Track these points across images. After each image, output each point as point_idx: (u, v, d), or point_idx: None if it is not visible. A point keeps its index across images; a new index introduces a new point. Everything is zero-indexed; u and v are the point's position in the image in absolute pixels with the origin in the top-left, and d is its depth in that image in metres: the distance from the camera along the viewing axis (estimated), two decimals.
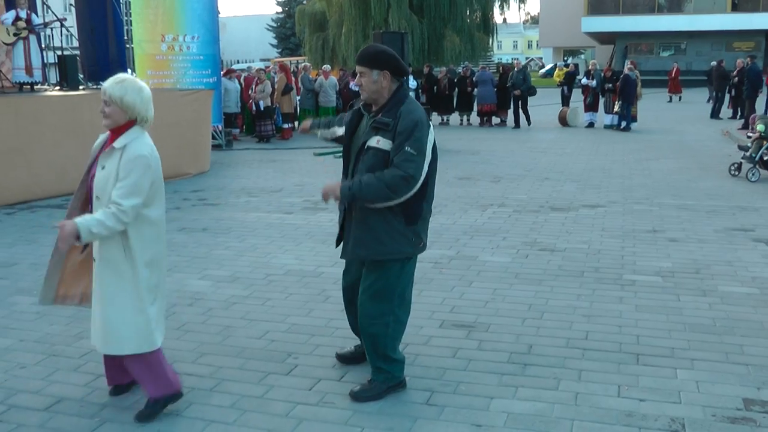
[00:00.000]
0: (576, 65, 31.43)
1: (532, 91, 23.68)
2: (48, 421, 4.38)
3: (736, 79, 23.42)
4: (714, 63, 29.66)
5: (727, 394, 4.62)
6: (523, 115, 23.79)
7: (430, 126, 4.45)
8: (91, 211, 4.33)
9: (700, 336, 5.60)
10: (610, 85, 22.23)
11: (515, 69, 23.99)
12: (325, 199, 4.38)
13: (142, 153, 4.25)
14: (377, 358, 4.62)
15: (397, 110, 4.35)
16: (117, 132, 4.33)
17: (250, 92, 21.14)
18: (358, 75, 4.45)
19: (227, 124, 19.61)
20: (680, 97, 36.04)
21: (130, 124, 4.32)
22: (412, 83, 23.12)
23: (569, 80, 25.91)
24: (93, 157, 4.52)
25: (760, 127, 13.17)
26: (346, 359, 5.16)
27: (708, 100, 26.35)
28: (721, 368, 5.02)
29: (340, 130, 4.83)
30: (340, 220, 4.69)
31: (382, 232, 4.41)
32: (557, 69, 27.14)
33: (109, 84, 4.25)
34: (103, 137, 4.56)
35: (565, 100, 25.61)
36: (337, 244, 4.77)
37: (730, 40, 52.94)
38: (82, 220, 4.10)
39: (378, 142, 4.36)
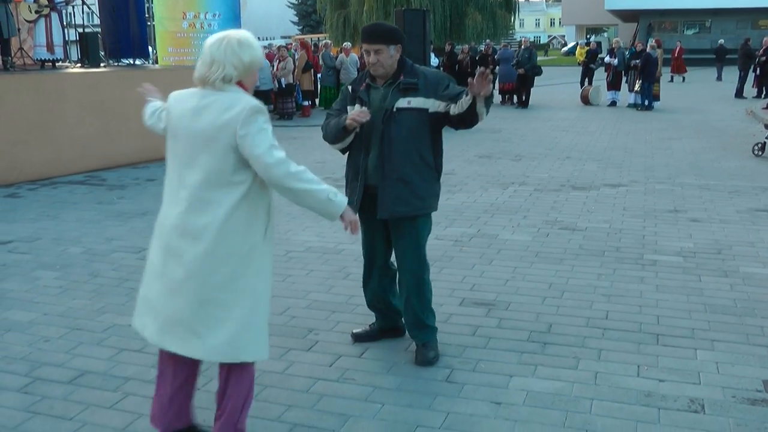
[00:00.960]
0: (598, 43, 30.91)
1: (537, 71, 23.28)
2: (71, 394, 4.43)
3: (763, 58, 23.13)
4: (722, 41, 29.22)
5: (747, 376, 4.60)
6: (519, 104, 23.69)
7: None
8: None
9: (721, 317, 5.58)
10: (637, 62, 21.95)
11: (522, 47, 23.77)
12: (486, 91, 4.25)
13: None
14: (428, 314, 4.87)
15: (415, 71, 4.64)
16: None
17: (271, 70, 21.14)
18: (372, 53, 4.51)
19: (264, 101, 19.71)
20: (684, 78, 35.09)
21: None
22: (434, 61, 23.06)
23: (592, 59, 25.61)
24: None
25: None
26: (362, 338, 5.18)
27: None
28: (742, 350, 5.00)
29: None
30: (360, 188, 4.72)
31: (420, 187, 4.64)
32: (579, 47, 26.51)
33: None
34: None
35: (588, 79, 25.37)
36: (357, 210, 4.57)
37: (755, 17, 52.30)
38: None
39: (409, 102, 4.55)
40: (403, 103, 4.55)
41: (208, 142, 3.40)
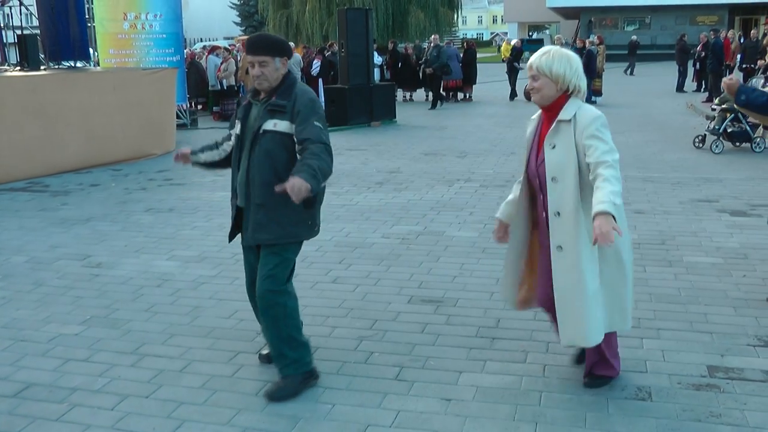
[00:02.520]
0: (522, 40, 31.28)
1: (445, 70, 23.14)
2: (17, 408, 4.34)
3: (702, 53, 23.56)
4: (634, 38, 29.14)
5: (692, 362, 4.69)
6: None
7: None
8: (544, 200, 4.17)
9: (666, 306, 5.68)
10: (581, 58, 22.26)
11: (431, 45, 23.57)
12: (298, 199, 3.89)
13: (598, 113, 3.99)
14: (283, 343, 4.41)
15: (291, 92, 4.31)
16: (554, 108, 4.08)
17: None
18: (256, 65, 4.25)
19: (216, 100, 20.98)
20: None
21: (565, 96, 4.07)
22: (378, 59, 23.07)
23: (516, 57, 25.34)
24: (532, 141, 4.34)
25: (716, 101, 13.34)
26: (270, 359, 4.69)
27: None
28: (686, 337, 5.09)
29: (205, 155, 4.79)
30: (234, 207, 4.60)
31: (282, 215, 4.32)
32: (504, 43, 26.47)
33: (536, 57, 4.06)
34: (533, 122, 4.38)
35: (512, 78, 24.90)
36: (231, 237, 4.72)
37: (693, 14, 53.25)
38: (607, 201, 3.65)
39: (275, 125, 4.28)
40: (269, 124, 4.29)
41: None
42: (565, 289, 4.06)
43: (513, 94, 24.86)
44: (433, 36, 24.71)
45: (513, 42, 26.45)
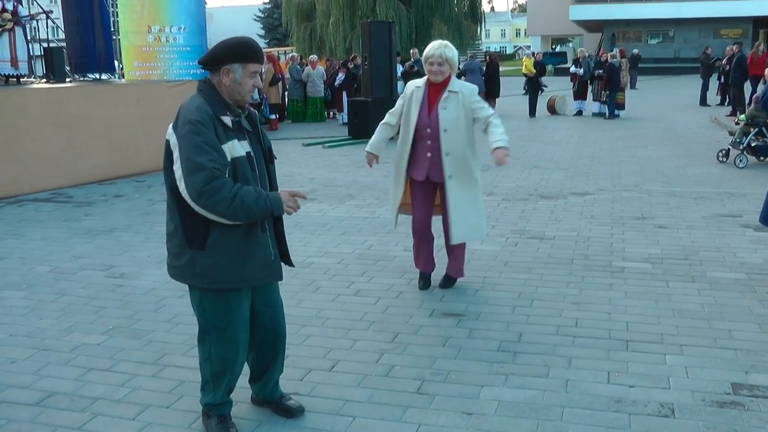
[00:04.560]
0: (543, 53, 30.99)
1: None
2: (39, 416, 4.37)
3: (727, 66, 23.42)
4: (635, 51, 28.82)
5: (715, 379, 4.64)
6: None
7: None
8: (433, 145, 6.05)
9: (689, 322, 5.63)
10: (601, 71, 22.19)
11: (412, 59, 22.56)
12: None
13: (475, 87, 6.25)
14: (284, 349, 4.32)
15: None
16: (444, 83, 5.99)
17: None
18: (256, 77, 3.83)
19: None
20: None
21: (450, 75, 6.05)
22: (400, 68, 23.15)
23: (541, 72, 24.75)
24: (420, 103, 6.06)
25: (742, 117, 13.24)
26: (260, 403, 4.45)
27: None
28: (710, 353, 5.04)
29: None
30: (272, 239, 4.01)
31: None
32: (525, 58, 25.92)
33: (438, 48, 5.89)
34: (420, 90, 6.09)
35: (534, 95, 24.27)
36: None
37: (717, 27, 53.05)
38: (501, 139, 5.92)
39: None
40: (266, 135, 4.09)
41: None
42: (457, 202, 6.06)
43: (533, 111, 24.01)
44: (412, 51, 23.68)
45: (535, 55, 25.79)
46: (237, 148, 3.73)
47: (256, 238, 3.81)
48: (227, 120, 3.70)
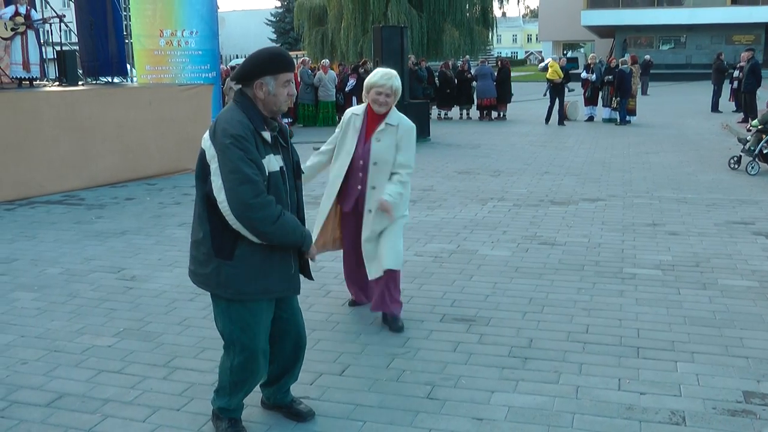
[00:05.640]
0: (568, 59, 30.22)
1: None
2: (50, 417, 4.38)
3: (739, 72, 23.31)
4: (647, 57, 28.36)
5: (727, 387, 4.62)
6: None
7: None
8: (363, 177, 5.61)
9: (701, 329, 5.61)
10: (611, 78, 22.15)
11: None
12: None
13: (412, 124, 5.73)
14: (303, 357, 4.36)
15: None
16: (385, 114, 5.58)
17: None
18: (289, 85, 3.79)
19: None
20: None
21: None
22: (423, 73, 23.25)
23: (567, 78, 23.60)
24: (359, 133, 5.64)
25: (754, 123, 13.20)
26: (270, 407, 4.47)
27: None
28: (722, 361, 5.02)
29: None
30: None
31: None
32: (551, 61, 24.30)
33: (389, 79, 5.47)
34: (358, 118, 5.68)
35: (556, 101, 23.30)
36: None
37: (729, 33, 52.91)
38: (391, 194, 5.46)
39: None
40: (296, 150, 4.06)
41: None
42: (372, 236, 5.63)
43: (550, 117, 23.29)
44: (364, 59, 23.50)
45: (559, 60, 24.80)
46: (273, 163, 3.73)
47: (280, 252, 3.83)
48: (267, 135, 3.72)
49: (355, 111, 5.73)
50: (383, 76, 5.46)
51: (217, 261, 3.77)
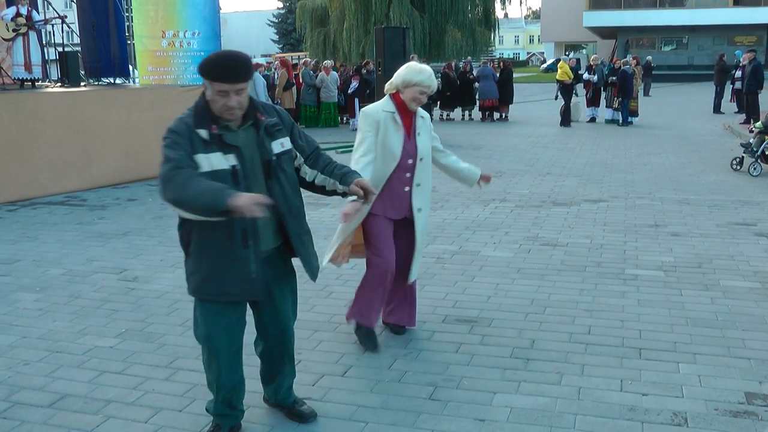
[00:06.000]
0: (578, 60, 29.94)
1: None
2: (52, 418, 4.39)
3: (739, 73, 23.26)
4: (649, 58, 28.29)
5: (729, 388, 4.62)
6: None
7: None
8: (411, 177, 5.30)
9: (703, 330, 5.61)
10: (614, 78, 22.14)
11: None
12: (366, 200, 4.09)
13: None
14: (292, 358, 4.30)
15: (267, 107, 3.91)
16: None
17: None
18: (232, 95, 3.58)
19: None
20: None
21: None
22: None
23: (577, 79, 23.27)
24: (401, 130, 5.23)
25: (758, 124, 13.19)
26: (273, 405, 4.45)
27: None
28: (724, 362, 5.02)
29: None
30: (252, 255, 3.76)
31: (309, 235, 4.10)
32: (561, 62, 23.59)
33: (433, 80, 5.24)
34: (395, 115, 5.24)
35: (568, 103, 22.80)
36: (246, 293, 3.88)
37: (732, 34, 52.88)
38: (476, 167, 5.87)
39: (283, 145, 3.85)
40: (278, 146, 3.81)
41: None
42: (423, 239, 5.42)
43: (567, 120, 22.62)
44: (324, 65, 23.27)
45: (569, 61, 24.25)
46: (217, 161, 3.61)
47: (234, 253, 3.71)
48: (203, 133, 3.60)
49: (385, 108, 5.22)
50: (430, 77, 5.16)
51: (186, 258, 3.86)
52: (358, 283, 6.87)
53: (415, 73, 5.15)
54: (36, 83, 14.52)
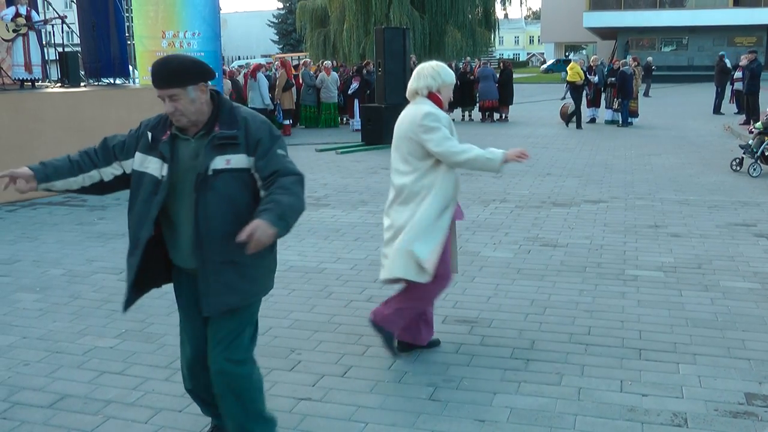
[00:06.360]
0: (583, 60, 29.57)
1: None
2: (51, 418, 4.39)
3: (738, 74, 23.26)
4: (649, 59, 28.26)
5: (729, 389, 4.62)
6: None
7: None
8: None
9: (702, 331, 5.61)
10: (613, 79, 22.12)
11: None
12: (257, 248, 3.28)
13: None
14: (251, 421, 3.79)
15: (236, 118, 3.52)
16: None
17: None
18: (167, 100, 3.40)
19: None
20: None
21: None
22: None
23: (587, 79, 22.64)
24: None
25: (757, 125, 13.19)
26: None
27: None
28: (723, 363, 5.02)
29: (62, 183, 3.78)
30: (133, 276, 3.71)
31: (252, 267, 3.58)
32: (573, 63, 23.37)
33: None
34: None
35: (579, 106, 22.07)
36: (129, 304, 3.80)
37: (731, 35, 52.89)
38: None
39: (228, 162, 3.45)
40: (220, 162, 3.44)
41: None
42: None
43: (581, 120, 22.16)
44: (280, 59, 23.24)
45: (579, 61, 23.23)
46: (145, 164, 3.54)
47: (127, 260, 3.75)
48: (148, 135, 3.56)
49: (441, 111, 5.03)
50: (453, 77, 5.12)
51: None
52: (356, 283, 6.90)
53: (449, 72, 5.11)
54: (36, 83, 14.52)
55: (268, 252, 3.56)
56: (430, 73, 5.03)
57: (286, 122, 21.48)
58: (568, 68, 23.23)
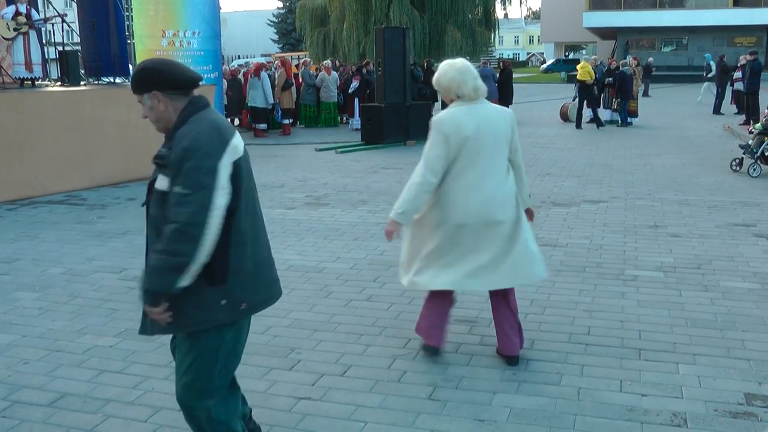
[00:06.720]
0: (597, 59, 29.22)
1: None
2: (51, 417, 4.39)
3: (738, 74, 23.24)
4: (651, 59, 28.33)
5: (728, 389, 4.62)
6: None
7: (222, 145, 3.18)
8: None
9: (702, 331, 5.61)
10: (611, 80, 22.10)
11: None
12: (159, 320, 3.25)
13: None
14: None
15: (173, 135, 3.23)
16: None
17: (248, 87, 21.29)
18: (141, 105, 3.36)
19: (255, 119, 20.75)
20: None
21: None
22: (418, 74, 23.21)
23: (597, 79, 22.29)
24: None
25: (757, 126, 13.19)
26: None
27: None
28: (723, 363, 5.02)
29: None
30: None
31: (179, 298, 3.21)
32: (583, 62, 23.05)
33: None
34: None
35: (591, 104, 21.95)
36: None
37: (731, 35, 52.89)
38: None
39: (160, 182, 3.23)
40: (160, 182, 3.22)
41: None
42: None
43: (598, 119, 21.99)
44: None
45: (590, 60, 23.19)
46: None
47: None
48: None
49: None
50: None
51: None
52: (356, 283, 6.90)
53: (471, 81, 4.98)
54: (36, 82, 14.52)
55: (198, 284, 3.20)
56: (462, 79, 4.92)
57: (286, 121, 21.48)
58: (578, 67, 23.11)
